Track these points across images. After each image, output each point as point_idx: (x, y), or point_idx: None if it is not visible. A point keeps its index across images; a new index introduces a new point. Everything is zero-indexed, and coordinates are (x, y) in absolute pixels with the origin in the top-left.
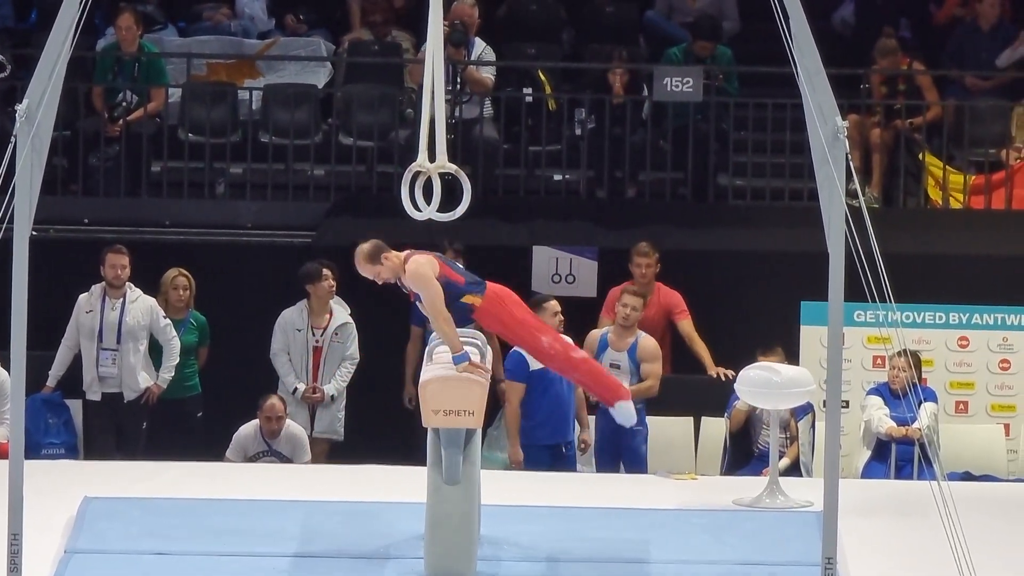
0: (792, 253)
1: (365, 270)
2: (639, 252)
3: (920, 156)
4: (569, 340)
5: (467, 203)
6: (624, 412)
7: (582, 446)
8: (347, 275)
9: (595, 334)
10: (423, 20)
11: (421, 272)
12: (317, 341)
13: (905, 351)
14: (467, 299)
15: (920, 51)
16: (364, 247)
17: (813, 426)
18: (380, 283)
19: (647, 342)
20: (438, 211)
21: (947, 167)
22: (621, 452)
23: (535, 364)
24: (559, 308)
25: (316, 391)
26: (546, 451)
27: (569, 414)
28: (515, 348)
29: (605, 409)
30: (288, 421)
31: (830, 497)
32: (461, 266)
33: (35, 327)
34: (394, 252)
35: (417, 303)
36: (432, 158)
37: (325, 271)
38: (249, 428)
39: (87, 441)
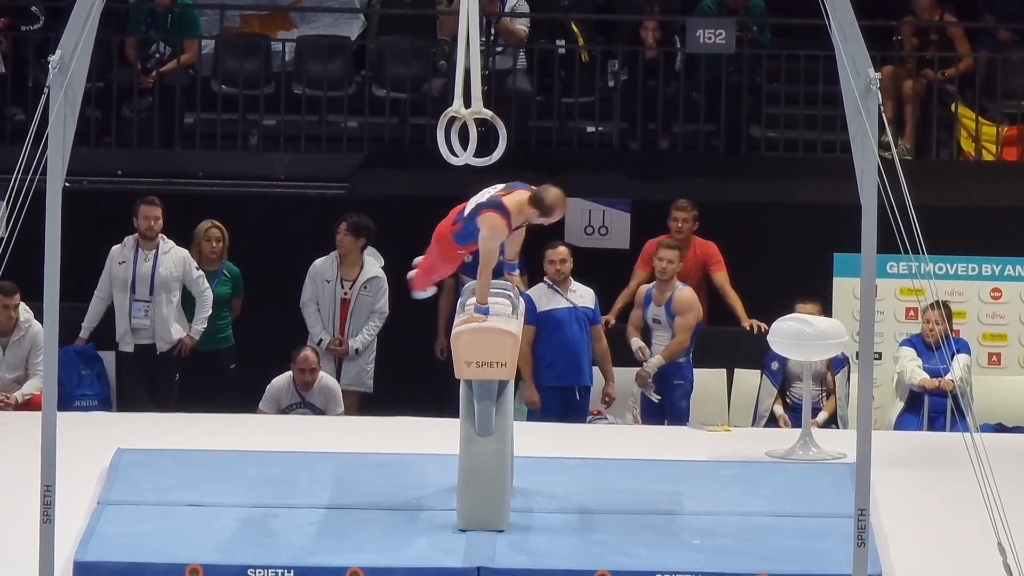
0: (825, 205)
1: (552, 215)
2: (677, 207)
3: (952, 107)
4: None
5: (503, 147)
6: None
7: (606, 399)
8: (382, 226)
9: (643, 289)
10: None
11: (496, 225)
12: (345, 293)
13: (938, 303)
14: None
15: (953, 2)
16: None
17: (849, 379)
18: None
19: (681, 294)
20: (474, 156)
21: (979, 118)
22: (663, 406)
23: (542, 306)
24: (560, 256)
25: (341, 343)
26: (555, 393)
27: (580, 358)
28: (526, 292)
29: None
30: (321, 373)
31: (863, 449)
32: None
33: (68, 279)
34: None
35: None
36: (467, 104)
37: (343, 224)
38: (282, 380)
39: (120, 393)
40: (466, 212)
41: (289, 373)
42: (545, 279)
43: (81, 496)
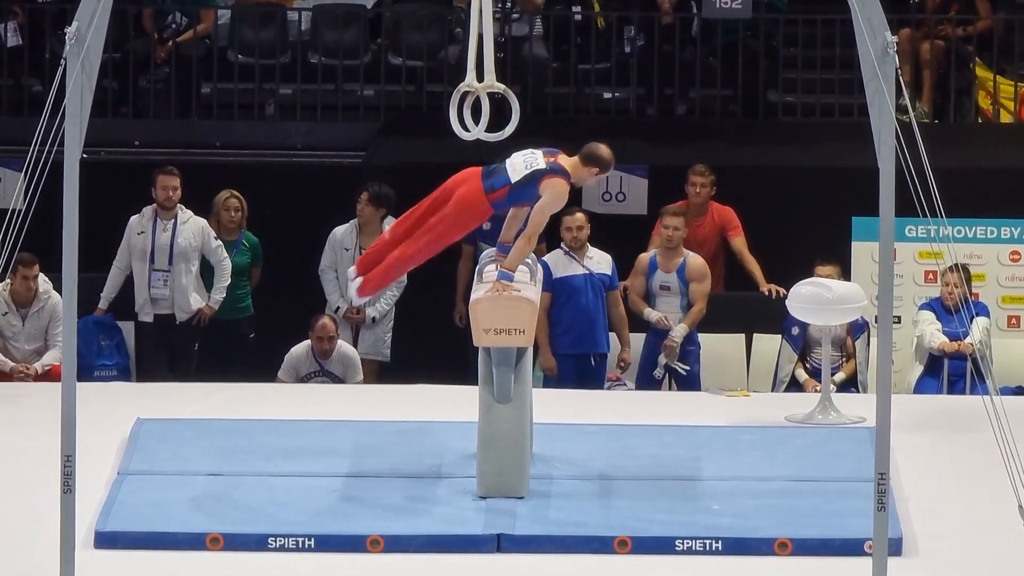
0: (842, 169)
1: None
2: (695, 172)
3: (971, 65)
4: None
5: (515, 123)
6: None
7: (622, 364)
8: (399, 194)
9: (644, 257)
10: None
11: (560, 193)
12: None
13: (957, 266)
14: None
15: None
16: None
17: (869, 343)
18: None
19: (695, 261)
20: (486, 131)
21: (997, 76)
22: (668, 372)
23: (558, 272)
24: (577, 223)
25: (358, 312)
26: (571, 360)
27: (596, 325)
28: (544, 259)
29: (655, 329)
30: (340, 341)
31: (882, 412)
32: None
33: (86, 249)
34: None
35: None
36: (480, 77)
37: (364, 193)
38: (301, 349)
39: (139, 363)
40: (513, 178)
41: (307, 342)
42: (562, 245)
43: (101, 466)
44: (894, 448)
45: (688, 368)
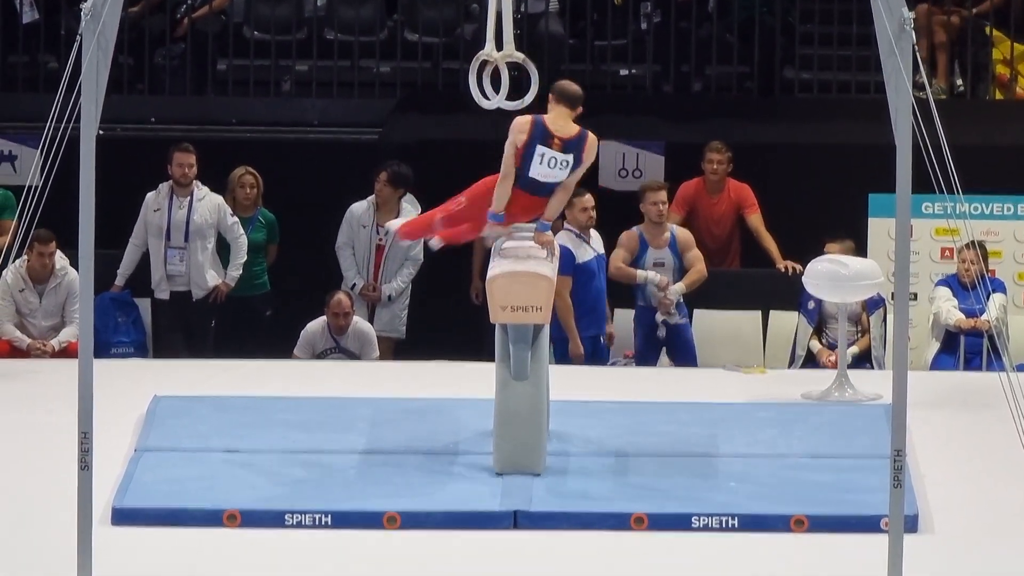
0: (859, 145)
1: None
2: (712, 149)
3: (988, 31)
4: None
5: (535, 91)
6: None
7: (607, 339)
8: (415, 171)
9: (632, 232)
10: None
11: (516, 127)
12: (380, 239)
13: (973, 243)
14: None
15: None
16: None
17: (885, 320)
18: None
19: (682, 233)
20: (506, 100)
21: (1015, 44)
22: (667, 346)
23: (580, 257)
24: (591, 204)
25: (374, 289)
26: (588, 342)
27: (605, 305)
28: (560, 243)
29: (644, 306)
30: (356, 318)
31: (899, 389)
32: None
33: (103, 226)
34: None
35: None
36: (499, 47)
37: (383, 173)
38: (317, 325)
39: (156, 340)
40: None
41: (323, 318)
42: (568, 227)
43: (118, 443)
44: (910, 425)
45: (684, 319)
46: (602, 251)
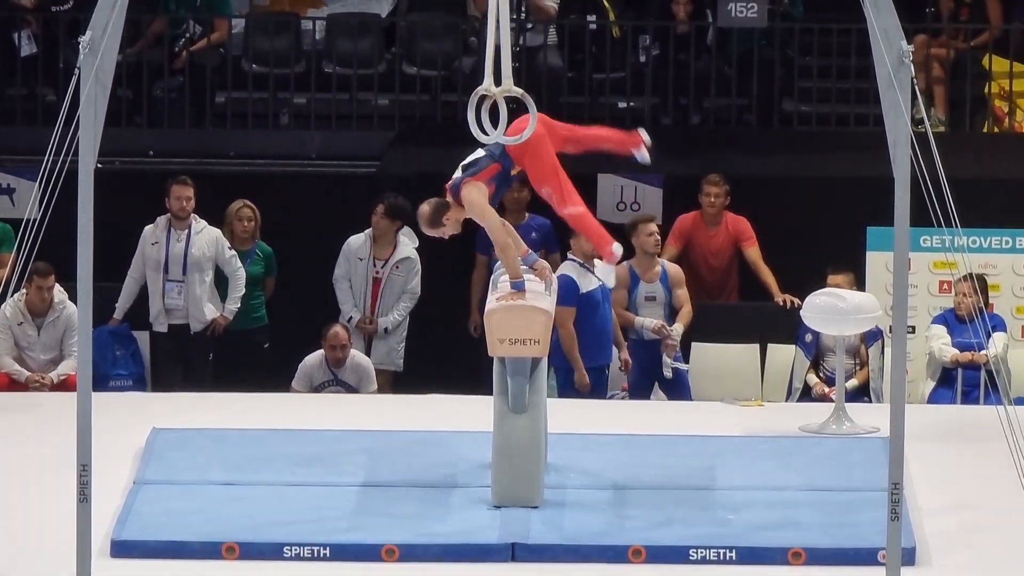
0: (858, 178)
1: (431, 232)
2: (709, 182)
3: (984, 62)
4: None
5: (533, 127)
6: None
7: (623, 367)
8: (413, 203)
9: (622, 270)
10: None
11: (473, 200)
12: (377, 272)
13: (971, 275)
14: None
15: None
16: (424, 211)
17: (883, 353)
18: (448, 238)
19: (673, 268)
20: (504, 135)
21: (1014, 66)
22: (658, 381)
23: (584, 287)
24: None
25: (370, 322)
26: (592, 373)
27: (610, 336)
28: (564, 273)
29: (638, 340)
30: (353, 351)
31: (896, 422)
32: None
33: (101, 259)
34: (453, 205)
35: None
36: (498, 82)
37: (380, 206)
38: (315, 358)
39: (154, 372)
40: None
41: (321, 351)
42: (573, 257)
43: (117, 476)
44: (908, 458)
45: (688, 366)
46: (607, 280)
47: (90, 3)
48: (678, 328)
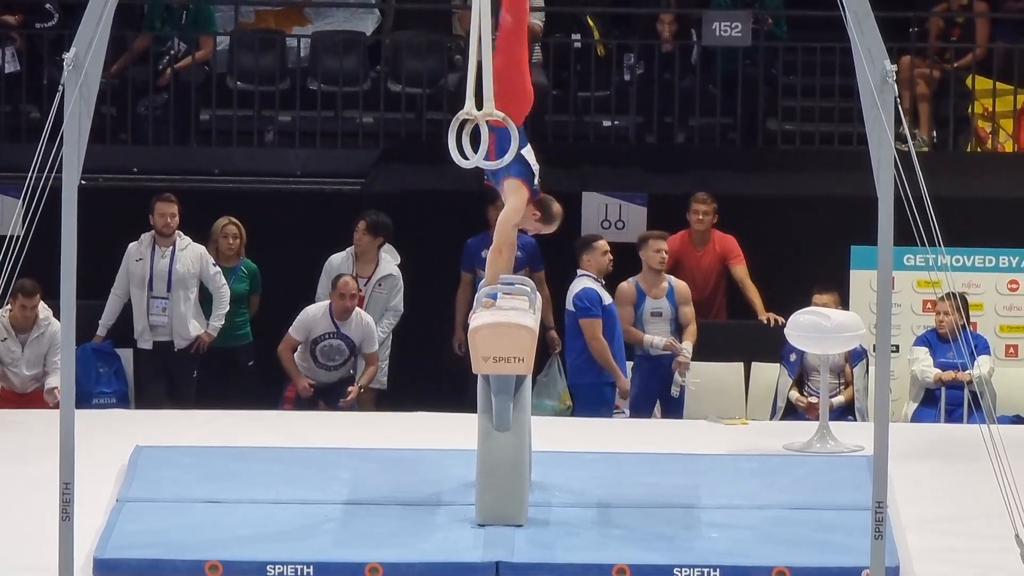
0: (841, 197)
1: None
2: (697, 200)
3: (968, 82)
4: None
5: (515, 150)
6: None
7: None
8: (398, 222)
9: (627, 286)
10: None
11: (522, 196)
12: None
13: (952, 294)
14: None
15: None
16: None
17: (867, 372)
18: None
19: (680, 284)
20: (485, 159)
21: (997, 86)
22: (659, 398)
23: (607, 299)
24: (607, 248)
25: None
26: (605, 389)
27: (623, 352)
28: (588, 287)
29: (643, 356)
30: (358, 308)
31: (880, 441)
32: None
33: (85, 276)
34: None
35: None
36: (479, 105)
37: (362, 222)
38: (317, 308)
39: (138, 390)
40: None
41: (324, 303)
42: (585, 273)
43: (100, 493)
44: (891, 477)
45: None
46: (611, 300)
47: (74, 20)
48: (687, 346)
